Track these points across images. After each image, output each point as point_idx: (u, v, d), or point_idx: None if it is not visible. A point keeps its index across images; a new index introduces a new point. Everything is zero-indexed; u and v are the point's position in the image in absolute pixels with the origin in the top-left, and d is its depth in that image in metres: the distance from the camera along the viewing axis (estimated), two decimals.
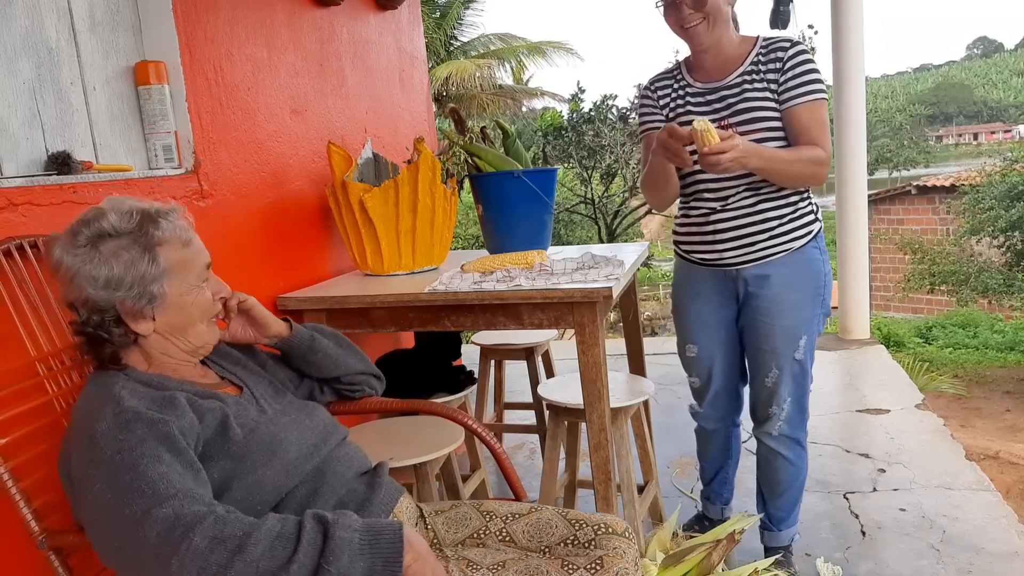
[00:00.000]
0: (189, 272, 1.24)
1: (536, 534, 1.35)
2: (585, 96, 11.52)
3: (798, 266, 1.94)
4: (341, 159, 2.30)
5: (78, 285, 1.16)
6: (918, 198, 13.63)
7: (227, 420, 1.19)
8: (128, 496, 1.01)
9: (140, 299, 1.18)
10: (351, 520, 1.04)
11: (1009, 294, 9.55)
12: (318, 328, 1.56)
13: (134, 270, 1.17)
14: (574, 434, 2.42)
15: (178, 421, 1.11)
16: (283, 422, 1.28)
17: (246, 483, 1.16)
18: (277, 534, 1.00)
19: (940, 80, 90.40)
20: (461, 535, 1.37)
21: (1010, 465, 4.00)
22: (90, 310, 1.17)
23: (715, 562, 1.98)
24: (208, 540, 0.97)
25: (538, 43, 14.39)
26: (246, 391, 1.34)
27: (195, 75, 1.96)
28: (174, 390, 1.18)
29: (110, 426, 1.07)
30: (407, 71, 3.23)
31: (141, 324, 1.20)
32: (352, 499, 1.27)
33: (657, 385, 3.10)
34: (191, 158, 1.94)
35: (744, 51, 1.91)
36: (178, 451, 1.07)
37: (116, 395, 1.12)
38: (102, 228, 1.17)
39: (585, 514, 1.37)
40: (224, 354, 1.41)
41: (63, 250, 1.17)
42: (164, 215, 1.22)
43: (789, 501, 2.16)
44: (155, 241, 1.19)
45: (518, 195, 2.38)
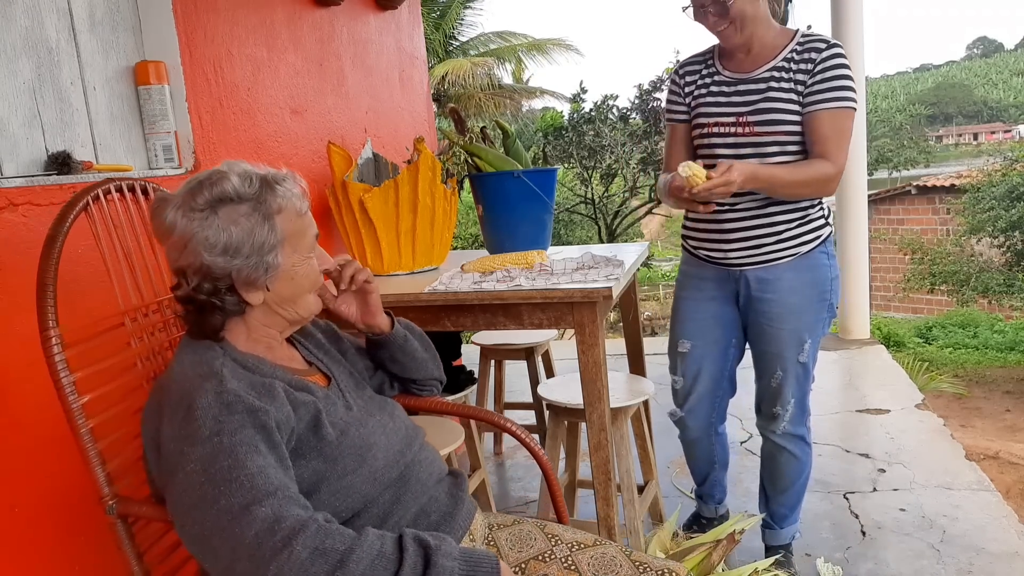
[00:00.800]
0: (301, 242, 1.19)
1: (601, 569, 1.30)
2: (586, 96, 11.49)
3: (804, 271, 1.92)
4: (341, 159, 2.30)
5: (193, 250, 1.10)
6: (918, 198, 13.63)
7: (319, 417, 1.15)
8: (226, 485, 0.97)
9: (257, 268, 1.12)
10: (451, 547, 1.02)
11: (1009, 294, 9.55)
12: (409, 326, 1.51)
13: (253, 238, 1.11)
14: (574, 434, 2.42)
15: (276, 412, 1.07)
16: (371, 424, 1.25)
17: (335, 488, 1.13)
18: (378, 552, 0.98)
19: (940, 80, 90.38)
20: (525, 555, 1.33)
21: (1010, 465, 3.99)
22: (203, 277, 1.11)
23: (715, 562, 1.98)
24: (310, 551, 0.94)
25: (538, 40, 14.38)
26: (333, 382, 1.29)
27: (195, 75, 1.96)
28: (271, 377, 1.14)
29: (211, 403, 1.02)
30: (407, 71, 3.23)
31: (254, 294, 1.15)
32: (434, 509, 1.24)
33: (657, 385, 3.10)
34: (191, 158, 1.94)
35: (779, 45, 1.85)
36: (273, 444, 1.04)
37: (217, 371, 1.07)
38: (224, 191, 1.11)
39: (648, 557, 1.33)
40: (309, 335, 1.36)
41: (178, 212, 1.10)
42: (281, 181, 1.17)
43: (792, 498, 2.16)
44: (274, 209, 1.14)
45: (518, 195, 2.38)
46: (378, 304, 1.42)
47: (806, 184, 1.80)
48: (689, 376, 2.15)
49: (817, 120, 1.80)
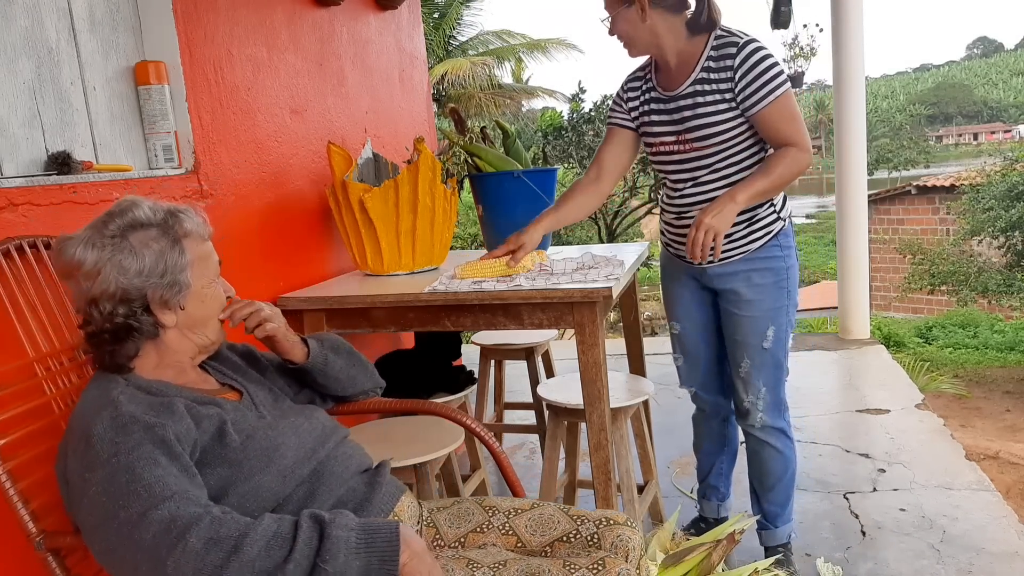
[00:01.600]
0: (208, 266, 1.27)
1: (539, 528, 1.35)
2: (585, 96, 11.50)
3: (758, 262, 1.99)
4: (341, 159, 2.30)
5: (106, 277, 1.15)
6: (918, 198, 13.63)
7: (224, 426, 1.19)
8: (124, 498, 1.01)
9: (170, 288, 1.19)
10: (347, 519, 1.04)
11: (1009, 294, 9.55)
12: (333, 345, 1.53)
13: (165, 259, 1.19)
14: (574, 434, 2.42)
15: (175, 426, 1.11)
16: (281, 427, 1.28)
17: (243, 489, 1.16)
18: (273, 534, 1.00)
19: (940, 80, 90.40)
20: (464, 530, 1.37)
21: (1010, 465, 3.99)
22: (117, 301, 1.17)
23: (715, 562, 1.98)
24: (204, 541, 0.97)
25: (537, 40, 14.38)
26: (245, 396, 1.33)
27: (195, 75, 1.96)
28: (172, 396, 1.18)
29: (107, 429, 1.07)
30: (407, 71, 3.23)
31: (168, 314, 1.21)
32: (351, 498, 1.27)
33: (657, 385, 3.10)
34: (191, 158, 1.94)
35: (696, 53, 1.87)
36: (174, 455, 1.08)
37: (114, 399, 1.12)
38: (136, 218, 1.19)
39: (586, 511, 1.38)
40: (225, 359, 1.40)
41: (87, 245, 1.16)
42: (184, 211, 1.25)
43: (782, 494, 2.17)
44: (180, 233, 1.22)
45: (518, 195, 2.38)
46: (287, 345, 1.44)
47: (786, 176, 1.86)
48: (688, 354, 2.23)
49: (764, 118, 1.84)
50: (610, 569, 1.23)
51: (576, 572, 1.22)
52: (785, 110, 1.83)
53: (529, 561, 1.25)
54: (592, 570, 1.22)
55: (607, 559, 1.25)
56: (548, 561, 1.26)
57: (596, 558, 1.25)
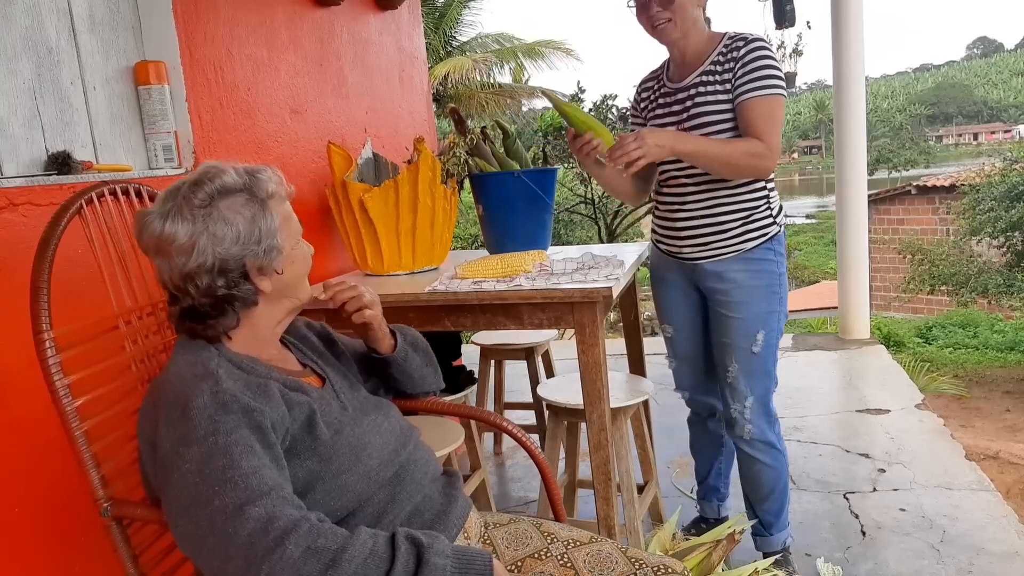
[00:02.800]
0: (292, 225, 1.22)
1: (597, 566, 1.30)
2: (585, 96, 11.49)
3: (750, 264, 1.99)
4: (341, 159, 2.30)
5: (202, 249, 1.10)
6: (918, 198, 13.63)
7: (314, 417, 1.15)
8: (220, 485, 0.97)
9: (268, 253, 1.15)
10: (443, 545, 1.03)
11: (1009, 294, 9.55)
12: (413, 341, 1.50)
13: (258, 224, 1.14)
14: (574, 434, 2.42)
15: (272, 412, 1.08)
16: (365, 424, 1.25)
17: (329, 487, 1.13)
18: (370, 551, 0.98)
19: (940, 80, 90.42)
20: (521, 553, 1.33)
21: (1010, 465, 3.99)
22: (216, 273, 1.11)
23: (715, 562, 1.98)
24: (302, 550, 0.95)
25: (536, 43, 14.37)
26: (327, 383, 1.29)
27: (195, 75, 1.96)
28: (266, 377, 1.14)
29: (207, 404, 1.03)
30: (407, 71, 3.23)
31: (265, 280, 1.17)
32: (428, 508, 1.24)
33: (657, 385, 3.10)
34: (191, 158, 1.94)
35: (708, 51, 1.94)
36: (268, 444, 1.05)
37: (213, 372, 1.08)
38: (224, 184, 1.13)
39: (644, 553, 1.33)
40: (303, 337, 1.36)
41: (175, 219, 1.10)
42: (262, 171, 1.19)
43: (775, 505, 2.16)
44: (265, 195, 1.17)
45: (518, 195, 2.38)
46: (380, 334, 1.42)
47: (738, 154, 1.85)
48: (681, 357, 2.23)
49: (744, 108, 1.87)
50: None
51: None
52: (768, 111, 1.85)
53: None
54: None
55: None
56: None
57: None
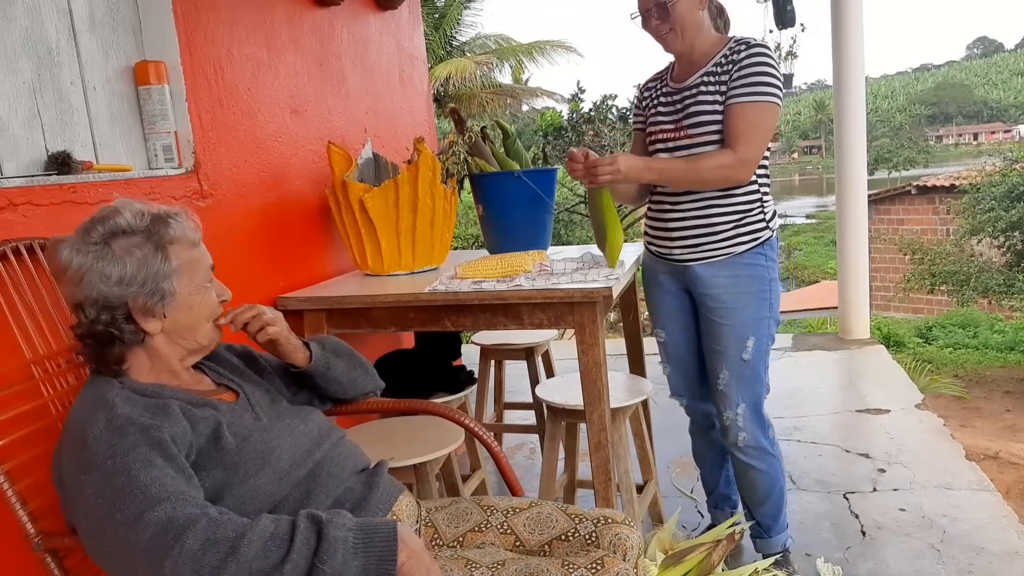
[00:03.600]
0: (197, 272, 1.25)
1: (537, 527, 1.35)
2: (585, 96, 11.49)
3: (741, 269, 1.98)
4: (341, 159, 2.30)
5: (89, 283, 1.15)
6: (918, 198, 13.63)
7: (220, 428, 1.19)
8: (120, 500, 1.01)
9: (152, 296, 1.18)
10: (345, 519, 1.04)
11: (1009, 294, 9.55)
12: (335, 348, 1.53)
13: (147, 267, 1.17)
14: (573, 434, 2.42)
15: (170, 427, 1.11)
16: (277, 429, 1.28)
17: (238, 492, 1.16)
18: (271, 534, 1.00)
19: (940, 80, 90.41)
20: (462, 529, 1.37)
21: (1010, 465, 4.00)
22: (100, 308, 1.16)
23: (715, 562, 1.98)
24: (201, 542, 0.97)
25: (536, 42, 14.37)
26: (242, 397, 1.33)
27: (195, 75, 1.96)
28: (167, 398, 1.18)
29: (102, 431, 1.07)
30: (407, 71, 3.23)
31: (151, 322, 1.20)
32: (349, 499, 1.27)
33: (657, 385, 3.10)
34: (191, 158, 1.94)
35: (712, 53, 1.95)
36: (170, 457, 1.07)
37: (109, 401, 1.12)
38: (117, 225, 1.18)
39: (584, 509, 1.38)
40: (222, 359, 1.40)
41: (73, 249, 1.16)
42: (174, 216, 1.24)
43: (772, 508, 2.16)
44: (167, 239, 1.20)
45: (518, 195, 2.38)
46: (289, 348, 1.44)
47: (706, 170, 1.88)
48: (674, 363, 2.22)
49: (729, 113, 1.89)
50: (608, 568, 1.23)
51: (575, 571, 1.22)
52: (753, 117, 1.86)
53: (528, 561, 1.25)
54: (591, 569, 1.22)
55: (605, 558, 1.25)
56: (546, 560, 1.26)
57: (594, 557, 1.25)
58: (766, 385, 2.07)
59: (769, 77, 1.86)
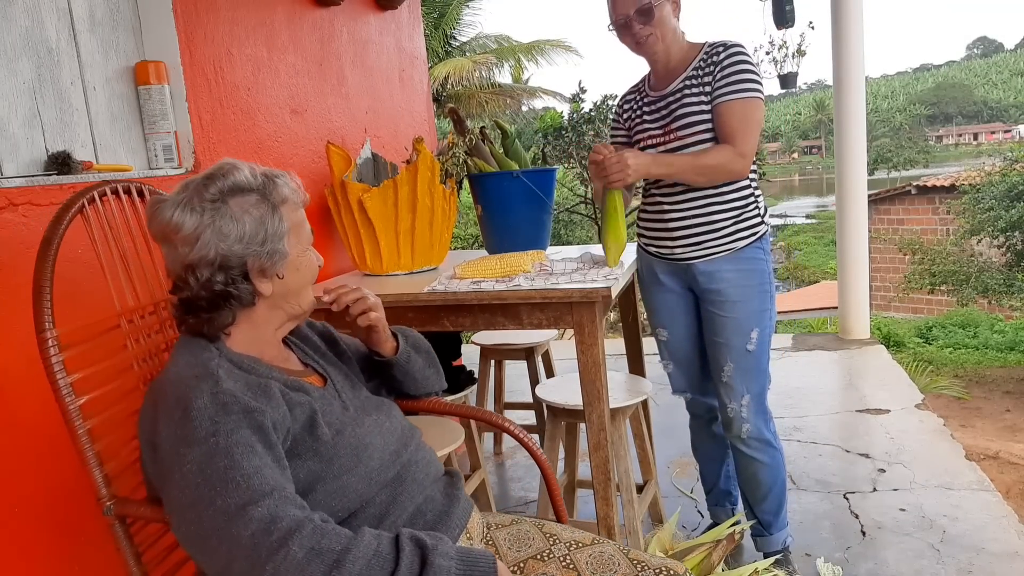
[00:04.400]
0: (302, 233, 1.23)
1: (599, 568, 1.30)
2: (586, 96, 11.51)
3: (742, 263, 2.01)
4: (340, 159, 2.30)
5: (206, 242, 1.11)
6: (918, 198, 13.63)
7: (315, 417, 1.15)
8: (222, 485, 0.98)
9: (272, 256, 1.15)
10: (447, 547, 1.02)
11: (1009, 294, 9.55)
12: (415, 343, 1.51)
13: (265, 226, 1.14)
14: (573, 434, 2.42)
15: (272, 412, 1.08)
16: (366, 424, 1.25)
17: (331, 488, 1.13)
18: (375, 552, 0.98)
19: (940, 80, 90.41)
20: (524, 555, 1.33)
21: (1010, 465, 4.00)
22: (216, 268, 1.12)
23: (715, 562, 1.98)
24: (306, 551, 0.95)
25: (536, 41, 14.37)
26: (329, 383, 1.29)
27: (195, 75, 1.96)
28: (267, 378, 1.14)
29: (207, 404, 1.03)
30: (407, 71, 3.23)
31: (265, 283, 1.17)
32: (430, 508, 1.24)
33: (656, 385, 3.10)
34: (191, 158, 1.94)
35: (690, 58, 1.99)
36: (270, 444, 1.05)
37: (213, 372, 1.08)
38: (237, 182, 1.14)
39: (646, 555, 1.34)
40: (305, 338, 1.37)
41: (185, 208, 1.11)
42: (281, 176, 1.20)
43: (773, 504, 2.16)
44: (279, 199, 1.17)
45: (517, 195, 2.38)
46: (383, 337, 1.42)
47: (707, 167, 1.92)
48: (676, 360, 2.23)
49: (719, 111, 1.92)
50: None
51: None
52: (743, 113, 1.90)
53: None
54: None
55: None
56: None
57: None
58: (769, 376, 2.09)
59: (751, 74, 1.91)
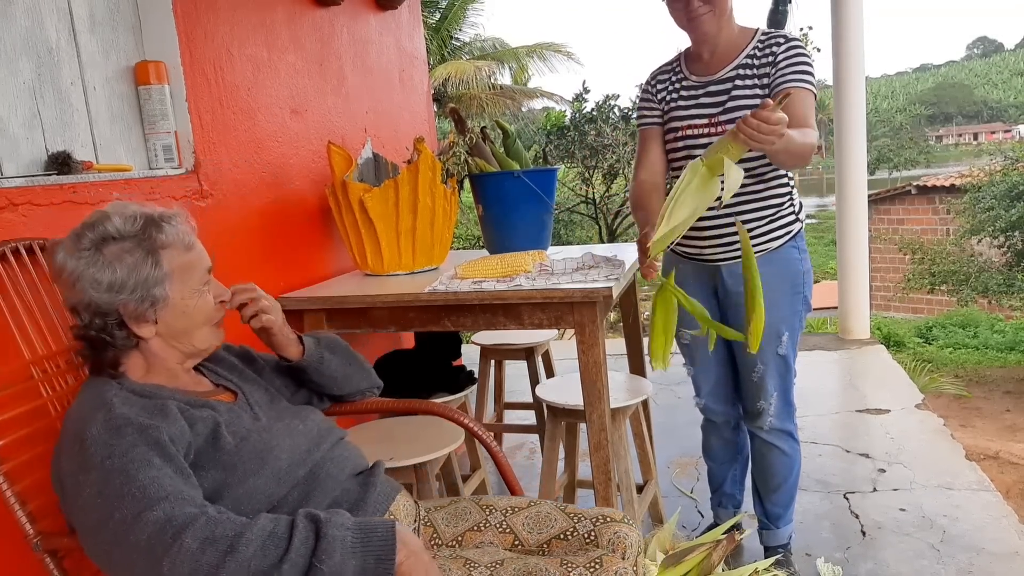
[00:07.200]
0: (191, 276, 1.24)
1: (536, 526, 1.35)
2: (588, 96, 11.50)
3: (776, 264, 1.96)
4: (341, 159, 2.30)
5: (81, 288, 1.16)
6: (918, 198, 13.62)
7: (218, 429, 1.19)
8: (118, 500, 1.01)
9: (143, 302, 1.18)
10: (343, 519, 1.04)
11: (1009, 294, 9.54)
12: (330, 344, 1.53)
13: (137, 273, 1.17)
14: (573, 434, 2.42)
15: (168, 428, 1.11)
16: (275, 429, 1.28)
17: (237, 492, 1.16)
18: (269, 533, 1.00)
19: (940, 80, 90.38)
20: (461, 528, 1.37)
21: (1010, 465, 4.00)
22: (92, 313, 1.17)
23: (715, 562, 1.98)
24: (199, 541, 0.97)
25: (535, 45, 14.38)
26: (240, 397, 1.33)
27: (195, 75, 1.96)
28: (166, 399, 1.18)
29: (100, 431, 1.07)
30: (407, 71, 3.23)
31: (143, 327, 1.20)
32: (346, 499, 1.27)
33: (657, 385, 3.10)
34: (191, 158, 1.94)
35: (741, 44, 1.91)
36: (168, 457, 1.08)
37: (108, 401, 1.12)
38: (106, 231, 1.17)
39: (583, 508, 1.38)
40: (220, 360, 1.40)
41: (66, 254, 1.17)
42: (167, 219, 1.22)
43: (785, 496, 2.16)
44: (158, 244, 1.19)
45: (518, 195, 2.38)
46: (283, 339, 1.44)
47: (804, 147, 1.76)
48: (699, 364, 2.19)
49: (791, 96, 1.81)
50: (607, 567, 1.23)
51: (573, 571, 1.22)
52: (808, 101, 1.84)
53: (526, 560, 1.25)
54: (589, 568, 1.22)
55: (604, 557, 1.25)
56: (545, 560, 1.25)
57: (593, 556, 1.25)
58: (794, 371, 2.08)
59: (811, 68, 1.86)
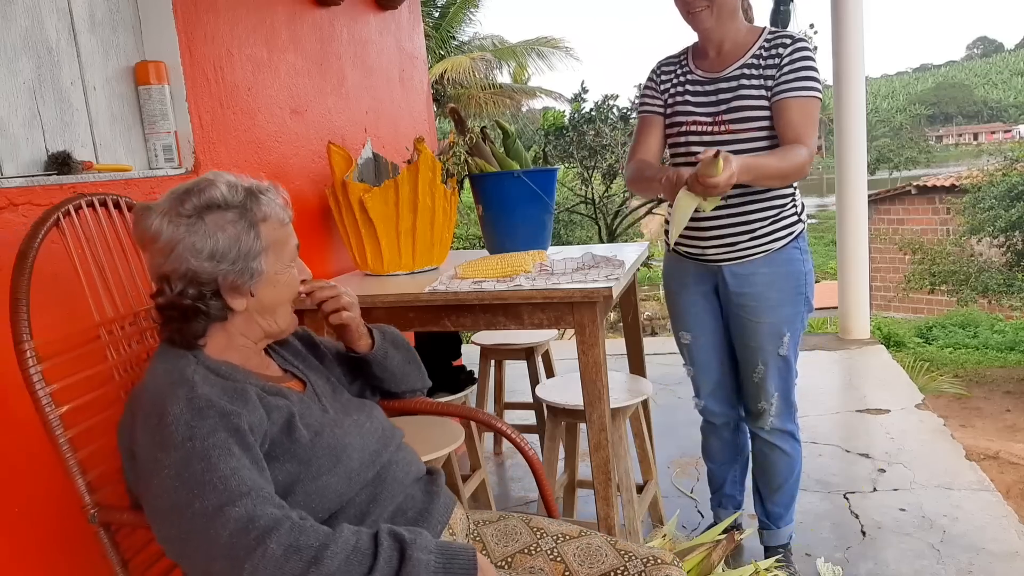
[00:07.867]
0: (284, 252, 1.22)
1: (587, 559, 1.31)
2: (587, 96, 11.51)
3: (778, 266, 1.96)
4: (341, 159, 2.30)
5: (179, 256, 1.12)
6: (918, 198, 13.62)
7: (292, 419, 1.16)
8: (199, 488, 0.99)
9: (242, 274, 1.15)
10: (427, 540, 1.03)
11: (1009, 294, 9.55)
12: (393, 339, 1.51)
13: (240, 244, 1.14)
14: (573, 434, 2.42)
15: (249, 415, 1.09)
16: (346, 425, 1.25)
17: (309, 489, 1.14)
18: (353, 547, 0.99)
19: (940, 80, 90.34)
20: (511, 549, 1.34)
21: (1010, 465, 4.00)
22: (188, 282, 1.13)
23: (715, 562, 1.98)
24: (284, 548, 0.96)
25: (535, 41, 14.37)
26: (309, 387, 1.31)
27: (195, 75, 1.96)
28: (244, 382, 1.15)
29: (183, 410, 1.04)
30: (407, 71, 3.23)
31: (238, 299, 1.17)
32: (410, 506, 1.25)
33: (657, 385, 3.10)
34: (191, 158, 1.94)
35: (748, 43, 1.91)
36: (246, 446, 1.05)
37: (189, 379, 1.09)
38: (212, 198, 1.14)
39: (633, 546, 1.34)
40: (286, 344, 1.37)
41: (164, 219, 1.13)
42: (265, 191, 1.21)
43: (786, 496, 2.17)
44: (259, 217, 1.17)
45: (518, 195, 2.38)
46: (356, 335, 1.43)
47: (788, 171, 1.83)
48: (699, 364, 2.18)
49: (786, 107, 1.85)
50: None
51: None
52: (807, 110, 1.84)
53: None
54: None
55: None
56: None
57: None
58: (796, 372, 2.08)
59: (816, 72, 1.85)
